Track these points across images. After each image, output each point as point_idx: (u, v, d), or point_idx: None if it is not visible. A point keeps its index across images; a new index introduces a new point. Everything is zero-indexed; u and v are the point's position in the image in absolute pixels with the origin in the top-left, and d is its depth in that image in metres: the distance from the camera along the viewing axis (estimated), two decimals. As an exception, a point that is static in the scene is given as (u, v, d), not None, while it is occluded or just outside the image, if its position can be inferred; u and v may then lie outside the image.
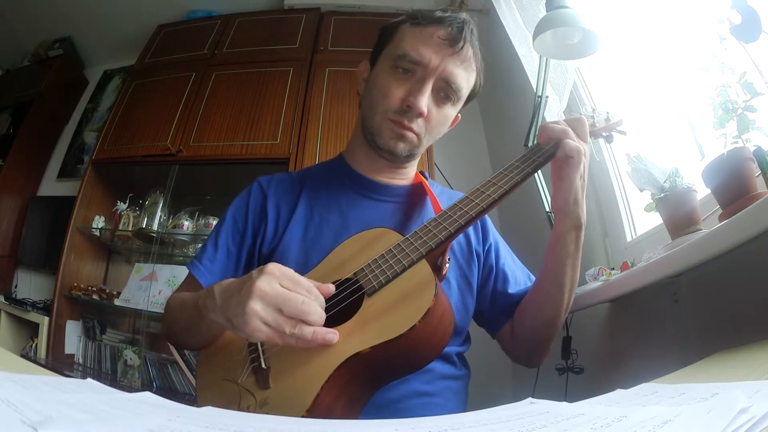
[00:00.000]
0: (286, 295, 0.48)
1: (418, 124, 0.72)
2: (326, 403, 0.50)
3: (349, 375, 0.52)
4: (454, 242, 0.78)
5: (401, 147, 0.74)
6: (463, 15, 0.73)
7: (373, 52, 0.81)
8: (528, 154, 0.66)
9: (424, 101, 0.70)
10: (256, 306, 0.48)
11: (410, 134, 0.73)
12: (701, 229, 0.82)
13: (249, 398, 0.54)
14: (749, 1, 0.71)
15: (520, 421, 0.29)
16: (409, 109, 0.71)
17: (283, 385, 0.53)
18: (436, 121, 0.74)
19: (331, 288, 0.54)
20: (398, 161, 0.79)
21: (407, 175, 0.85)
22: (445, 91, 0.73)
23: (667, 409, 0.27)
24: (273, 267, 0.51)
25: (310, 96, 2.03)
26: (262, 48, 2.27)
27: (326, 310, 0.52)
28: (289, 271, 0.51)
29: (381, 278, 0.56)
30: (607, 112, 0.81)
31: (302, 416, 0.48)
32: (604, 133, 0.81)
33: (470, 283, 0.78)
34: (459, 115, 0.82)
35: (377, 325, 0.53)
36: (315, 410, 0.49)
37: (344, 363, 0.51)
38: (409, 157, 0.78)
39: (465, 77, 0.74)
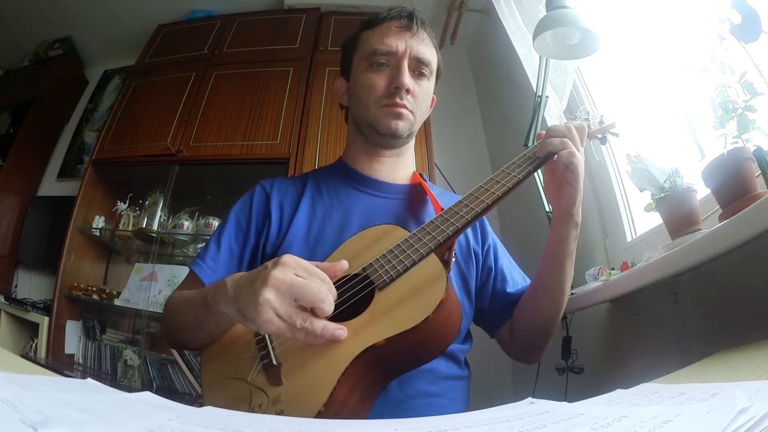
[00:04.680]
0: (302, 282, 0.48)
1: (409, 101, 0.79)
2: (342, 397, 0.50)
3: (365, 367, 0.52)
4: (455, 243, 0.79)
5: (401, 126, 0.80)
6: (409, 7, 0.82)
7: (342, 67, 0.89)
8: (529, 153, 0.69)
9: (407, 79, 0.78)
10: (270, 296, 0.48)
11: (405, 111, 0.79)
12: (701, 229, 0.82)
13: (260, 396, 0.54)
14: (749, 1, 0.71)
15: (520, 421, 0.29)
16: (397, 90, 0.78)
17: (297, 381, 0.53)
18: (420, 96, 0.81)
19: (345, 264, 0.55)
20: (399, 143, 0.84)
21: (405, 172, 0.88)
22: (418, 69, 0.81)
23: (667, 409, 0.27)
24: (288, 258, 0.51)
25: (310, 96, 2.03)
26: (262, 48, 2.27)
27: (338, 305, 0.52)
28: (304, 262, 0.51)
29: (392, 272, 0.57)
30: (601, 115, 0.85)
31: (318, 410, 0.48)
32: (598, 135, 0.84)
33: (468, 283, 0.79)
34: (434, 96, 0.90)
35: (391, 317, 0.53)
36: (331, 404, 0.49)
37: (360, 355, 0.51)
38: (409, 136, 0.84)
39: (430, 52, 0.82)
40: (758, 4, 0.70)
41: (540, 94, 1.35)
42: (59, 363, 1.86)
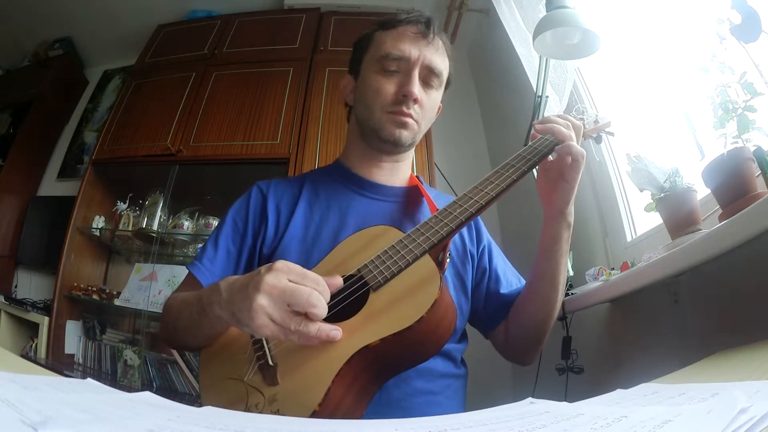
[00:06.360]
0: (294, 288, 0.48)
1: (415, 111, 0.78)
2: (337, 397, 0.51)
3: (359, 367, 0.53)
4: (450, 243, 0.79)
5: (405, 135, 0.78)
6: (427, 13, 0.80)
7: (351, 65, 0.87)
8: (523, 153, 0.68)
9: (416, 88, 0.76)
10: (263, 301, 0.48)
11: (410, 120, 0.78)
12: (701, 229, 0.82)
13: (257, 396, 0.54)
14: (749, 1, 0.71)
15: (520, 421, 0.29)
16: (404, 99, 0.76)
17: (293, 381, 0.54)
18: (428, 106, 0.80)
19: (339, 281, 0.54)
20: (400, 150, 0.83)
21: (403, 176, 0.88)
22: (429, 78, 0.79)
23: (667, 409, 0.27)
24: (281, 263, 0.51)
25: (310, 96, 2.03)
26: (262, 48, 2.27)
27: (332, 306, 0.52)
28: (297, 267, 0.51)
29: (386, 273, 0.57)
30: (596, 114, 0.84)
31: (314, 410, 0.49)
32: (593, 135, 0.84)
33: (465, 284, 0.79)
34: (440, 104, 0.87)
35: (385, 317, 0.54)
36: (326, 404, 0.49)
37: (354, 355, 0.51)
38: (411, 145, 0.83)
39: (442, 62, 0.81)
40: (758, 4, 0.70)
41: (540, 94, 1.35)
42: (59, 363, 1.86)
